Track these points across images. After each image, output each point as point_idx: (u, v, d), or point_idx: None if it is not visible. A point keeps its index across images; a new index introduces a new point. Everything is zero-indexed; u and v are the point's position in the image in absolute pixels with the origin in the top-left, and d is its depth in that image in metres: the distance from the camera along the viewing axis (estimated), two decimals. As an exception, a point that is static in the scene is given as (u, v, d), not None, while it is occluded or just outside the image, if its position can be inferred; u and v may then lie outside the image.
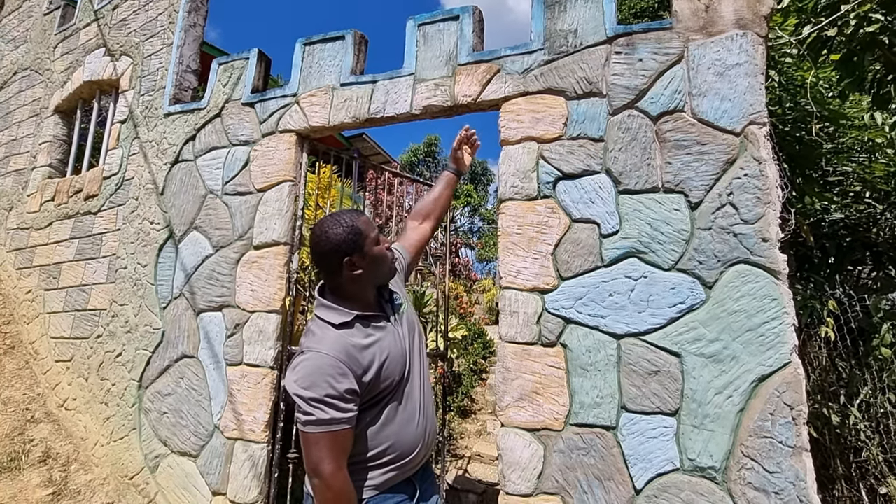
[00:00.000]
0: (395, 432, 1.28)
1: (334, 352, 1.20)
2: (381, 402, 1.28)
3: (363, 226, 1.31)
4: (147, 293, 3.18)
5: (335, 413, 1.15)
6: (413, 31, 2.72)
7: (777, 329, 1.77)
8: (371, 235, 1.32)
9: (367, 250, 1.30)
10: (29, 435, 3.22)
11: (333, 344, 1.22)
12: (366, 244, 1.30)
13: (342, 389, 1.16)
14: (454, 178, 1.92)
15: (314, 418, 1.15)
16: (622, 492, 1.88)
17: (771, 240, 1.83)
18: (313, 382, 1.16)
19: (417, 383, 1.37)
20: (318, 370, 1.17)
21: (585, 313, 2.06)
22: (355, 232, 1.29)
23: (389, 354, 1.29)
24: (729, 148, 1.97)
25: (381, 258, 1.34)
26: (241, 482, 2.52)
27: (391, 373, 1.28)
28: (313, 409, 1.15)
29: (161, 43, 3.76)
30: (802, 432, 1.68)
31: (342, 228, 1.29)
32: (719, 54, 2.05)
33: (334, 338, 1.24)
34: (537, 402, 2.06)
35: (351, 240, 1.28)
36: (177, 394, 2.88)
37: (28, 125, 4.78)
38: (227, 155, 3.09)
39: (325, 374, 1.17)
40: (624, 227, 2.07)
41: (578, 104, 2.26)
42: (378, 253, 1.33)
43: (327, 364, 1.18)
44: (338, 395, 1.16)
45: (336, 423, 1.15)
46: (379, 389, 1.26)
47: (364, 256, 1.30)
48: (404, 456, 1.29)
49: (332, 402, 1.15)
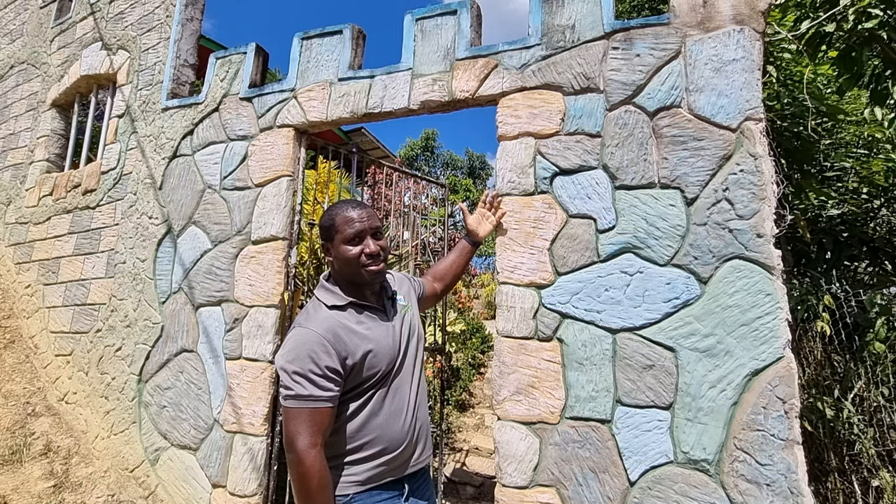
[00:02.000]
0: (379, 425, 1.28)
1: (321, 329, 1.22)
2: (366, 393, 1.28)
3: (339, 221, 1.34)
4: (146, 288, 3.19)
5: (315, 389, 1.17)
6: (411, 25, 2.71)
7: (771, 324, 1.78)
8: (344, 233, 1.32)
9: (335, 245, 1.35)
10: (30, 428, 3.25)
11: (322, 322, 1.25)
12: (335, 238, 1.34)
13: (324, 366, 1.18)
14: (470, 249, 2.02)
15: (293, 392, 1.17)
16: (617, 484, 1.90)
17: (766, 235, 1.85)
18: (297, 356, 1.19)
19: (409, 383, 1.37)
20: (302, 345, 1.20)
21: (581, 308, 2.07)
22: (330, 223, 1.36)
23: (378, 345, 1.30)
24: (725, 144, 1.97)
25: (346, 259, 1.33)
26: (241, 475, 2.54)
27: (377, 363, 1.28)
28: (294, 383, 1.17)
29: (158, 37, 3.75)
30: (794, 425, 1.70)
31: (326, 216, 1.38)
32: (716, 50, 2.05)
33: (324, 317, 1.27)
34: (533, 395, 2.08)
35: (325, 228, 1.37)
36: (176, 388, 2.90)
37: (25, 119, 4.77)
38: (225, 150, 3.09)
39: (308, 350, 1.19)
40: (620, 223, 2.08)
41: (576, 99, 2.26)
42: (342, 252, 1.33)
43: (312, 340, 1.20)
44: (319, 371, 1.18)
45: (315, 399, 1.17)
46: (363, 377, 1.26)
47: (331, 249, 1.37)
48: (389, 451, 1.28)
49: (313, 377, 1.17)
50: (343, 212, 1.34)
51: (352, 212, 1.34)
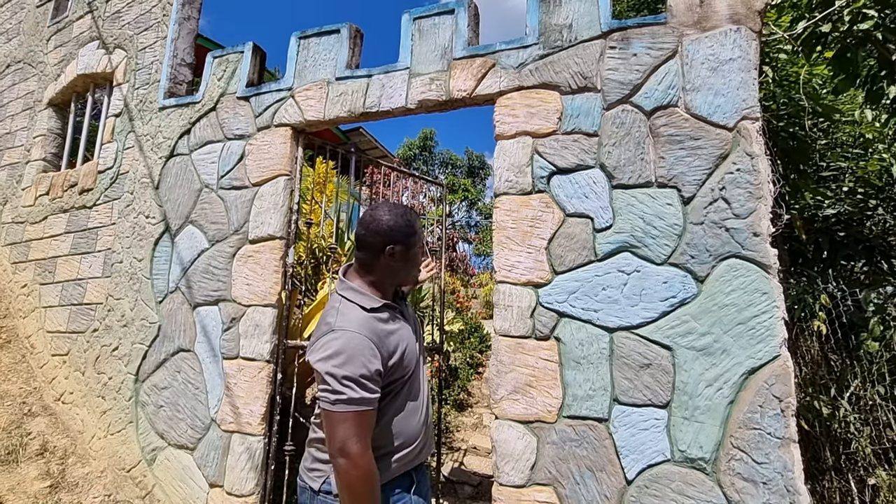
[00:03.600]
0: (402, 422, 1.30)
1: (367, 332, 1.21)
2: (395, 391, 1.30)
3: (419, 229, 1.37)
4: (143, 287, 3.19)
5: (365, 393, 1.15)
6: (408, 24, 2.71)
7: (767, 322, 1.79)
8: (420, 238, 1.39)
9: (411, 248, 1.35)
10: (26, 428, 3.23)
11: (365, 325, 1.23)
12: (412, 242, 1.35)
13: (373, 370, 1.17)
14: None
15: (345, 397, 1.14)
16: (614, 482, 1.91)
17: (762, 234, 1.85)
18: (347, 360, 1.16)
19: (420, 379, 1.40)
20: (352, 349, 1.17)
21: (579, 307, 2.08)
22: (410, 226, 1.34)
23: (408, 345, 1.33)
24: (722, 143, 1.98)
25: (416, 262, 1.40)
26: (238, 474, 2.54)
27: (409, 363, 1.31)
28: (345, 387, 1.14)
29: (155, 36, 3.74)
30: (791, 424, 1.71)
31: (401, 217, 1.34)
32: (713, 49, 2.06)
33: (364, 319, 1.25)
34: (531, 394, 2.08)
35: (404, 231, 1.33)
36: (173, 387, 2.90)
37: (22, 118, 4.75)
38: (223, 149, 3.09)
39: (359, 353, 1.17)
40: (617, 222, 2.09)
41: (573, 99, 2.27)
42: (415, 257, 1.39)
43: (361, 344, 1.18)
44: (369, 374, 1.17)
45: (365, 402, 1.15)
46: (394, 378, 1.28)
47: (406, 252, 1.34)
48: (408, 445, 1.31)
49: (364, 381, 1.16)
50: (415, 217, 1.39)
51: (417, 217, 1.41)
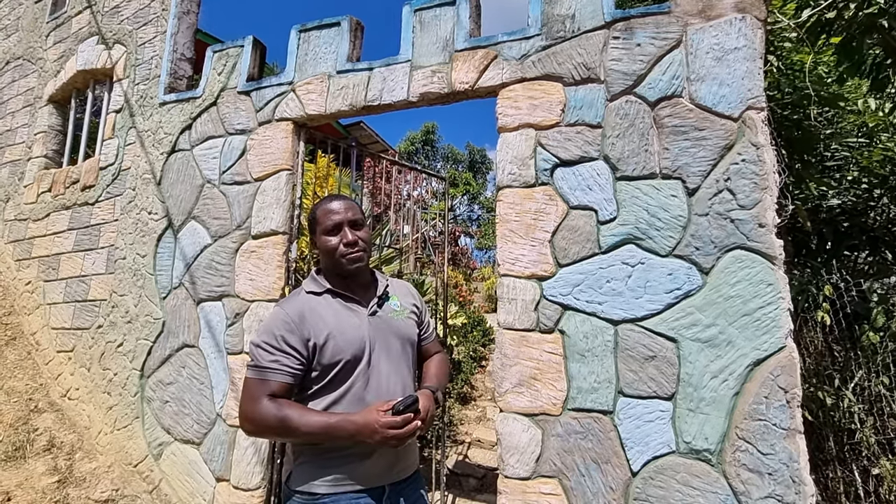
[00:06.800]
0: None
1: (289, 309, 1.30)
2: (331, 378, 1.26)
3: (319, 214, 1.38)
4: (147, 283, 3.19)
5: (270, 361, 1.22)
6: (409, 16, 2.69)
7: (772, 314, 1.78)
8: (324, 224, 1.36)
9: (318, 236, 1.39)
10: (33, 424, 3.25)
11: (293, 304, 1.32)
12: (316, 230, 1.39)
13: (282, 340, 1.24)
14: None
15: (252, 363, 1.24)
16: (619, 474, 1.91)
17: (767, 225, 1.84)
18: (261, 331, 1.27)
19: (384, 385, 1.30)
20: (269, 322, 1.29)
21: (583, 300, 2.07)
22: (312, 217, 1.41)
23: (341, 332, 1.28)
24: (727, 133, 1.96)
25: (326, 249, 1.35)
26: (245, 468, 2.55)
27: (339, 350, 1.26)
28: (254, 355, 1.25)
29: (154, 31, 3.71)
30: (796, 415, 1.70)
31: (311, 211, 1.44)
32: (718, 38, 2.04)
33: (297, 300, 1.34)
34: (535, 387, 2.08)
35: (309, 222, 1.43)
36: (179, 382, 2.91)
37: (22, 115, 4.74)
38: (224, 144, 3.08)
39: (272, 325, 1.26)
40: (621, 214, 2.08)
41: (576, 90, 2.25)
42: (323, 243, 1.36)
43: (279, 318, 1.27)
44: (276, 344, 1.23)
45: (270, 370, 1.22)
46: (326, 362, 1.25)
47: (315, 240, 1.41)
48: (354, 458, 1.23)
49: (269, 349, 1.23)
50: (323, 204, 1.39)
51: (331, 204, 1.38)
